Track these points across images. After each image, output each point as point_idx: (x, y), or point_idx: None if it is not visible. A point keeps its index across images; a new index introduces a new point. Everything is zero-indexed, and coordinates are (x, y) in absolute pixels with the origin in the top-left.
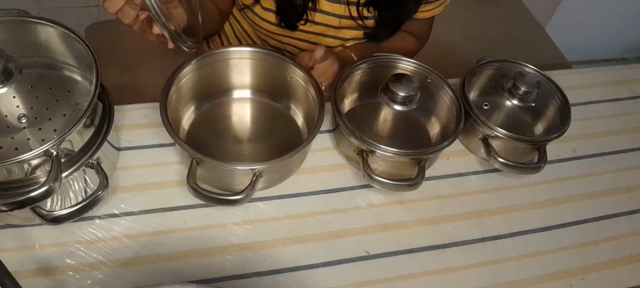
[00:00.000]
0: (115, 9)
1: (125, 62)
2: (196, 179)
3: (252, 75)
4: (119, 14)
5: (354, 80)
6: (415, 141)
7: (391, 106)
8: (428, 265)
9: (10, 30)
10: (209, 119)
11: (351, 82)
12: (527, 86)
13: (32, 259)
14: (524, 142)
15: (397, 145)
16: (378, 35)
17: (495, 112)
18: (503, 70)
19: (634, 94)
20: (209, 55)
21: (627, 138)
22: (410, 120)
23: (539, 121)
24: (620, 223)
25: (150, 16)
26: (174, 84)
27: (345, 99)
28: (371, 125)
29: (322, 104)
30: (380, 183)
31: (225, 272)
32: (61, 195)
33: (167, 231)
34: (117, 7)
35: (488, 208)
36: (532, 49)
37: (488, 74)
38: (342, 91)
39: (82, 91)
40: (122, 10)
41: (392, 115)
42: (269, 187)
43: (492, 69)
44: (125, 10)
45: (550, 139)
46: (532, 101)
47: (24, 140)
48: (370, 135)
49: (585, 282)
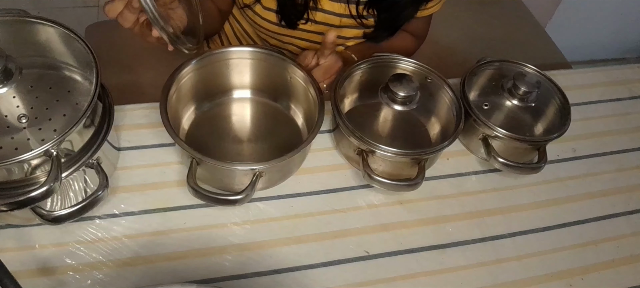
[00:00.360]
0: (115, 13)
1: (125, 62)
2: (196, 179)
3: (252, 75)
4: (119, 18)
5: (354, 80)
6: (415, 141)
7: (391, 106)
8: (428, 265)
9: (10, 30)
10: (209, 119)
11: (351, 82)
12: (527, 86)
13: (32, 259)
14: (524, 142)
15: (397, 145)
16: (377, 37)
17: (495, 112)
18: (503, 70)
19: (634, 94)
20: (209, 55)
21: (627, 138)
22: (410, 120)
23: (539, 121)
24: (620, 223)
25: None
26: (174, 84)
27: (345, 99)
28: (371, 125)
29: (322, 104)
30: (380, 183)
31: (225, 272)
32: (61, 195)
33: (167, 231)
34: (116, 12)
35: (488, 208)
36: (532, 49)
37: (488, 74)
38: (342, 91)
39: (82, 91)
40: (121, 15)
41: (392, 115)
42: (269, 187)
43: (492, 69)
44: (125, 14)
45: (550, 139)
46: (532, 101)
47: (24, 140)
48: (370, 135)
49: (585, 282)
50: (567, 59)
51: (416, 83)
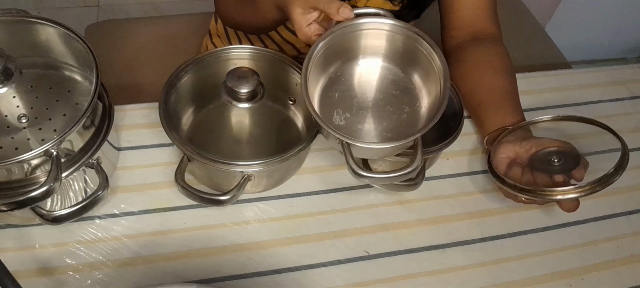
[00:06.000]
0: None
1: (125, 62)
2: (185, 176)
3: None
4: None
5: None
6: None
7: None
8: (428, 265)
9: (10, 30)
10: (209, 119)
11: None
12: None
13: (32, 259)
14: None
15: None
16: (403, 17)
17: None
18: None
19: (634, 94)
20: (208, 55)
21: (627, 138)
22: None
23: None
24: (620, 223)
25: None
26: (173, 84)
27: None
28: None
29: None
30: (380, 183)
31: (225, 272)
32: (61, 195)
33: (167, 231)
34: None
35: (488, 208)
36: (532, 49)
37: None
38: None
39: (82, 91)
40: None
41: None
42: (266, 188)
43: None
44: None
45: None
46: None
47: (24, 140)
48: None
49: (585, 282)
50: (567, 59)
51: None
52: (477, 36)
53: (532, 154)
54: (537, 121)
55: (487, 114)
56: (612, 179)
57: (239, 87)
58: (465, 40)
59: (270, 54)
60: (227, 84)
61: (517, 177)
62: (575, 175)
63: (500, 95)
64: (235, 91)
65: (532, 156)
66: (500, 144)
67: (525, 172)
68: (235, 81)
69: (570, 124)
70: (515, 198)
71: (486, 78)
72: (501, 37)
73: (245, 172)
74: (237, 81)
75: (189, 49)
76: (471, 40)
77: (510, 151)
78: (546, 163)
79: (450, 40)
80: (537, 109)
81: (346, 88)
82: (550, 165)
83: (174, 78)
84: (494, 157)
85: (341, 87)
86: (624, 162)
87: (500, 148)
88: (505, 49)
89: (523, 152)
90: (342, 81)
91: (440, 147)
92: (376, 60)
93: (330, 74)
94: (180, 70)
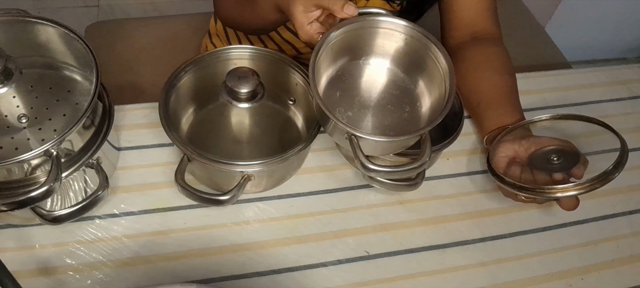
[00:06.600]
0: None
1: (125, 62)
2: (185, 176)
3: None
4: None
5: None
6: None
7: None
8: (428, 265)
9: (10, 30)
10: (209, 119)
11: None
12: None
13: (32, 259)
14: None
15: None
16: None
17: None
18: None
19: (634, 94)
20: (208, 55)
21: (627, 138)
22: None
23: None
24: (620, 223)
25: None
26: (173, 84)
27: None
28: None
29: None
30: (380, 183)
31: (225, 272)
32: (61, 195)
33: (167, 231)
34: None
35: (488, 208)
36: (532, 49)
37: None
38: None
39: (82, 91)
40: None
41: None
42: (267, 188)
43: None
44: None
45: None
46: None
47: (24, 140)
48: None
49: (585, 282)
50: (567, 59)
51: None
52: (477, 36)
53: (532, 153)
54: (537, 120)
55: (486, 113)
56: (611, 176)
57: (239, 87)
58: (465, 40)
59: (270, 54)
60: (227, 84)
61: (517, 175)
62: (575, 173)
63: (500, 94)
64: (235, 91)
65: (532, 155)
66: (500, 143)
67: (525, 171)
68: (235, 81)
69: (569, 123)
70: (514, 197)
71: (486, 78)
72: (501, 37)
73: (245, 172)
74: (237, 81)
75: (188, 49)
76: (471, 40)
77: (510, 150)
78: (546, 162)
79: (450, 40)
80: (537, 109)
81: (348, 87)
82: (549, 164)
83: (174, 78)
84: (494, 156)
85: (343, 85)
86: (623, 159)
87: (499, 147)
88: (505, 49)
89: (522, 150)
90: (344, 80)
91: (440, 147)
92: (379, 60)
93: (331, 74)
94: (180, 70)
